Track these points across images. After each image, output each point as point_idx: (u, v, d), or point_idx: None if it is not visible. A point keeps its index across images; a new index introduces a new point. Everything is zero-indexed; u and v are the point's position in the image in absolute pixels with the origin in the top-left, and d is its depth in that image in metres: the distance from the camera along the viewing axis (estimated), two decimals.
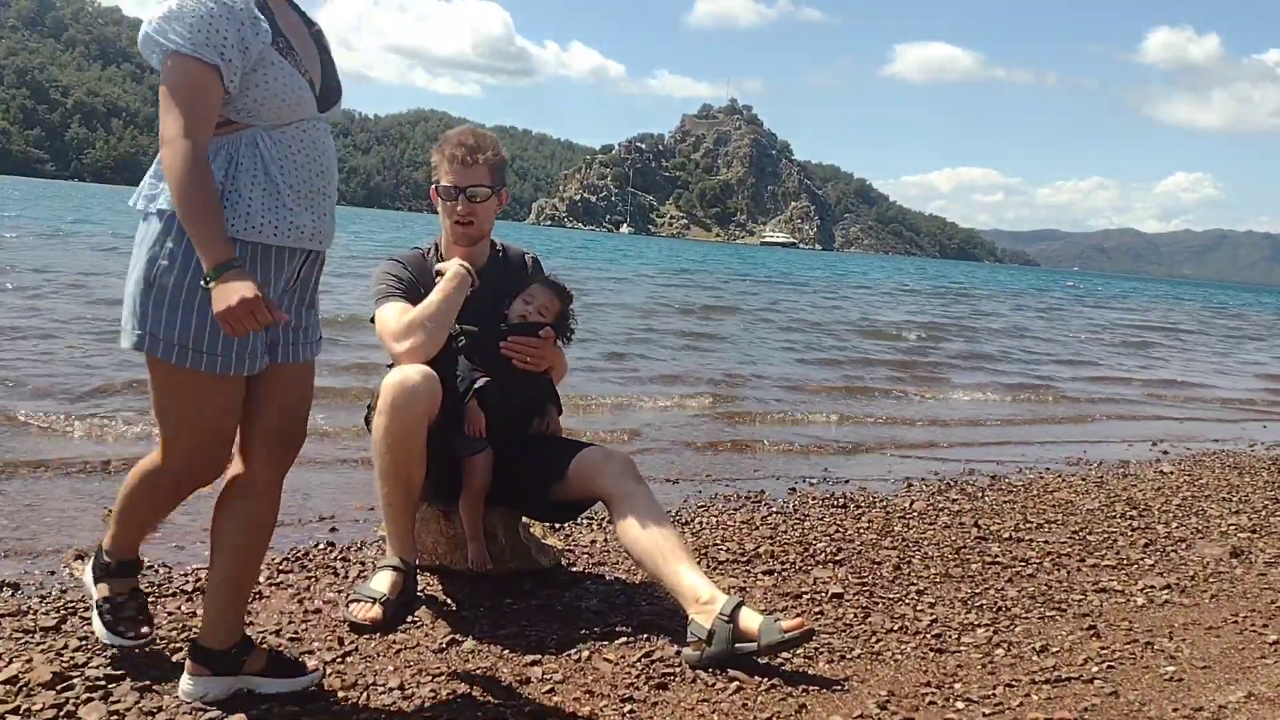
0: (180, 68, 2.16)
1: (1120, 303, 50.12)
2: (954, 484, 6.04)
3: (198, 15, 2.16)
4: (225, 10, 2.19)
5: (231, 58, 2.20)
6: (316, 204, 2.40)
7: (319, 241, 2.42)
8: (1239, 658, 3.34)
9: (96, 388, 7.05)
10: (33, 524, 4.12)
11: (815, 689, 2.84)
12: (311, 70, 2.40)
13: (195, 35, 2.16)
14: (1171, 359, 18.59)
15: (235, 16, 2.21)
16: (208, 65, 2.17)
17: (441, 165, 3.37)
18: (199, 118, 2.17)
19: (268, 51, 2.27)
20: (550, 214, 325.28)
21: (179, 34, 2.16)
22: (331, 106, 2.47)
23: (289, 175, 2.33)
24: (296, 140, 2.35)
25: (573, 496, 3.36)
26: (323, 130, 2.43)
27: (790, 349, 14.29)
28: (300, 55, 2.36)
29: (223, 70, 2.19)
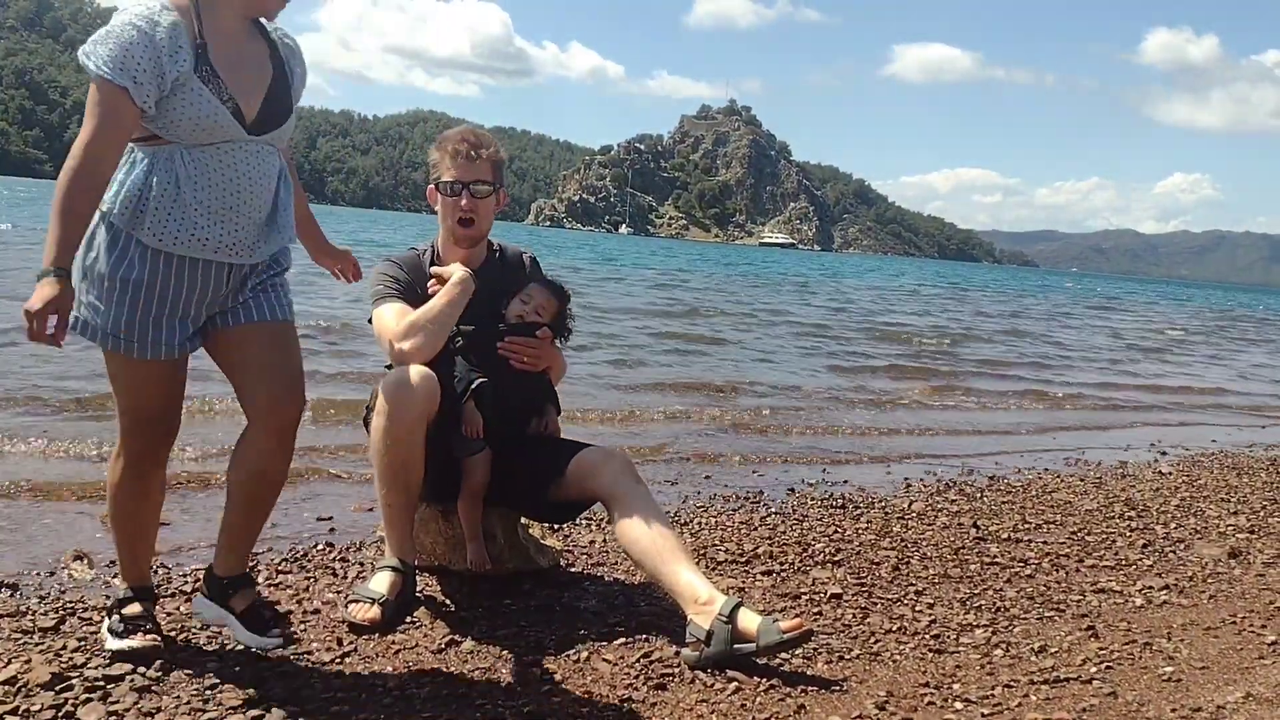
0: (97, 87, 2.40)
1: (1130, 304, 49.98)
2: (953, 485, 6.05)
3: (119, 42, 2.39)
4: (145, 39, 2.40)
5: (143, 81, 2.39)
6: (228, 220, 2.56)
7: (230, 255, 2.59)
8: (1237, 658, 3.34)
9: (92, 388, 7.04)
10: (31, 525, 4.12)
11: (814, 689, 2.85)
12: (244, 96, 2.56)
13: (112, 59, 2.38)
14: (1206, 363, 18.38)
15: (154, 45, 2.41)
16: (117, 87, 2.37)
17: (443, 161, 3.37)
18: (103, 133, 2.39)
19: (188, 78, 2.46)
20: (549, 214, 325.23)
21: (99, 56, 2.40)
22: (271, 129, 2.62)
23: (200, 192, 2.50)
24: (214, 160, 2.52)
25: (571, 497, 3.36)
26: (250, 151, 2.58)
27: (809, 354, 14.09)
28: (227, 82, 2.53)
29: (131, 91, 2.39)
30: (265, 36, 2.70)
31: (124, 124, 2.42)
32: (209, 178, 2.52)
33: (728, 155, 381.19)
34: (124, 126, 2.42)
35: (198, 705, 2.49)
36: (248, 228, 2.61)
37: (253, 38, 2.66)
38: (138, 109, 2.41)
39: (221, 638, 2.94)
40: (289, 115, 2.69)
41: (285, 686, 2.65)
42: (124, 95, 2.39)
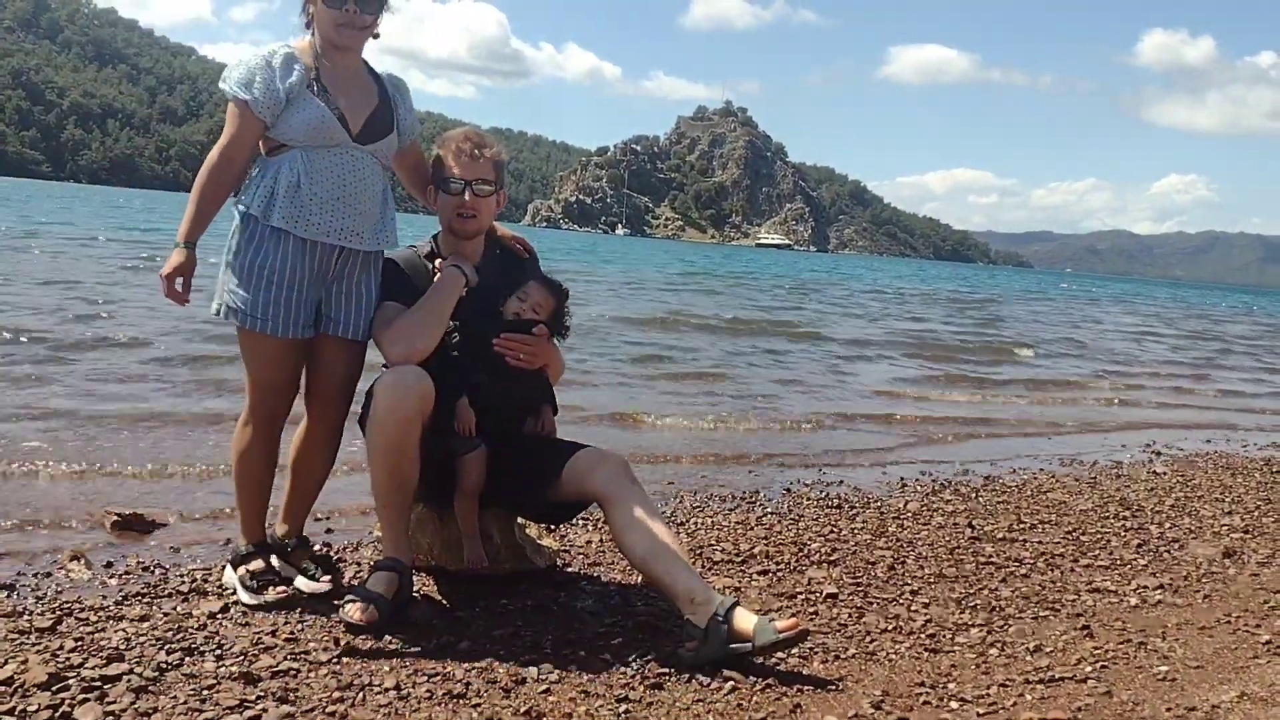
0: (231, 103, 3.09)
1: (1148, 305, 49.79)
2: (948, 485, 6.06)
3: (246, 67, 3.08)
4: (264, 64, 3.08)
5: (260, 96, 3.05)
6: (339, 209, 3.15)
7: (340, 239, 3.17)
8: (1232, 658, 3.36)
9: (90, 391, 7.05)
10: (28, 525, 4.12)
11: (810, 689, 2.85)
12: (351, 111, 3.18)
13: (239, 80, 3.07)
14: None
15: (270, 69, 3.08)
16: (241, 100, 3.06)
17: (446, 160, 3.37)
18: (234, 138, 3.10)
19: (300, 90, 3.10)
20: (546, 215, 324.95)
21: (231, 80, 3.09)
22: (373, 141, 3.23)
23: (316, 185, 3.11)
24: (327, 160, 3.14)
25: (568, 497, 3.37)
26: (357, 156, 3.19)
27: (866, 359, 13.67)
28: (336, 96, 3.16)
29: (251, 104, 3.06)
30: (375, 76, 3.32)
31: (250, 130, 3.10)
32: (323, 174, 3.12)
33: (724, 156, 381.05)
34: (250, 132, 3.10)
35: (195, 705, 2.50)
36: (355, 218, 3.18)
37: (363, 75, 3.28)
38: (258, 120, 3.08)
39: (219, 637, 2.94)
40: (390, 132, 3.28)
41: (282, 686, 2.65)
42: (246, 108, 3.06)
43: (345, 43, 3.18)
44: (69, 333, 9.52)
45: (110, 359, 8.40)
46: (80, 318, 10.74)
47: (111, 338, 9.42)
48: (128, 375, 7.75)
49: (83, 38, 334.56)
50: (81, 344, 8.94)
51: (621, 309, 18.80)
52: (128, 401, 6.75)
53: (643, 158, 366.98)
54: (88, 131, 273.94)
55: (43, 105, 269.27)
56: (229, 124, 3.10)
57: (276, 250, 3.12)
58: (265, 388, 3.28)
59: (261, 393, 3.28)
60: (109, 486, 4.82)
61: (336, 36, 3.15)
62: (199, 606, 3.20)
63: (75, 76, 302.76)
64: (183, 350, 8.97)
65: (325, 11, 3.13)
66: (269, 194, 3.09)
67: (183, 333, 9.86)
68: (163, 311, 10.53)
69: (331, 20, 3.13)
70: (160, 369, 8.10)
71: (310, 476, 3.48)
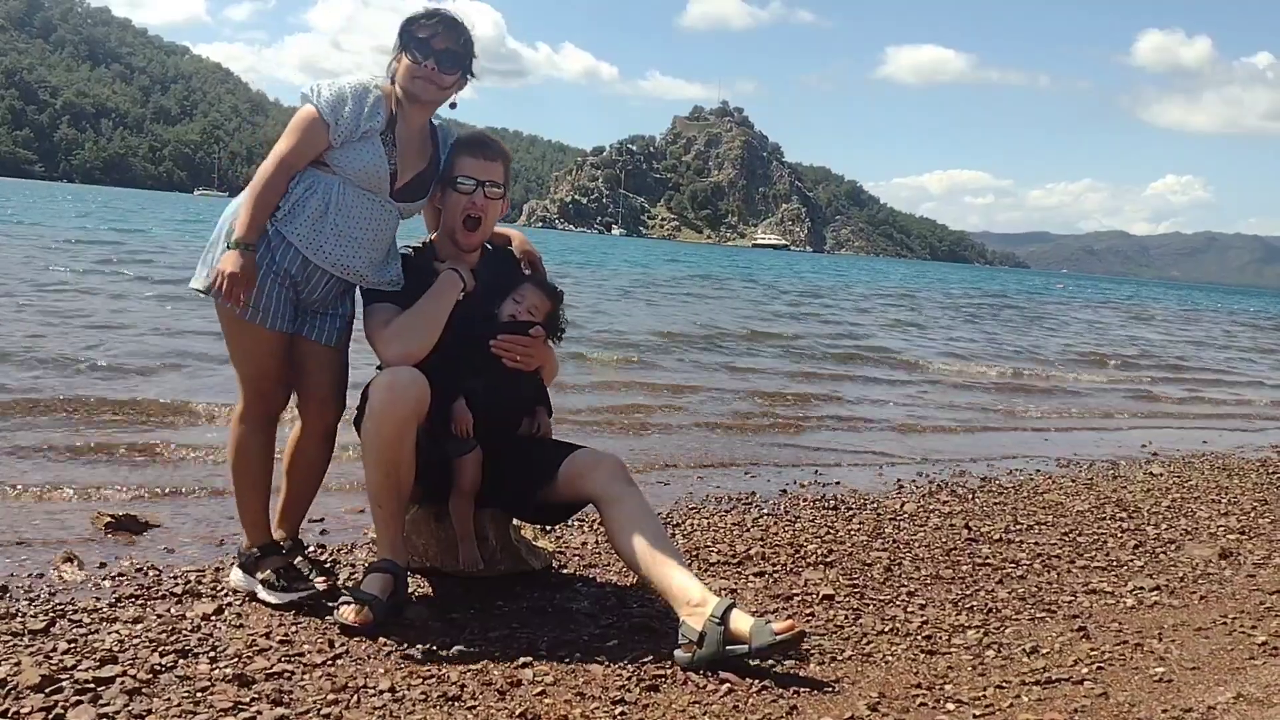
0: (307, 112, 3.13)
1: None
2: (945, 486, 6.06)
3: (339, 90, 3.15)
4: (358, 97, 3.16)
5: (342, 125, 3.12)
6: (352, 248, 3.22)
7: (344, 273, 3.24)
8: (1228, 659, 3.36)
9: (83, 389, 7.03)
10: (21, 526, 4.10)
11: (806, 690, 2.85)
12: (403, 169, 3.28)
13: (330, 101, 3.12)
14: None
15: (361, 103, 3.16)
16: (324, 120, 3.12)
17: (458, 159, 3.36)
18: (299, 149, 3.12)
19: (372, 134, 3.18)
20: (541, 215, 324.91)
21: (323, 95, 3.13)
22: (408, 201, 3.33)
23: (339, 219, 3.17)
24: (360, 201, 3.21)
25: (563, 498, 3.36)
26: (386, 208, 3.27)
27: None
28: (399, 152, 3.26)
29: (331, 128, 3.12)
30: (434, 137, 3.41)
31: (317, 147, 3.14)
32: (350, 212, 3.19)
33: (720, 156, 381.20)
34: (316, 149, 3.14)
35: (188, 708, 2.49)
36: (363, 258, 3.25)
37: (425, 135, 3.37)
38: (329, 142, 3.13)
39: (213, 639, 2.93)
40: (425, 195, 3.40)
41: (276, 688, 2.64)
42: (325, 129, 3.12)
43: (421, 96, 3.23)
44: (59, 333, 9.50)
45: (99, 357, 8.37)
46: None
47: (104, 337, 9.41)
48: (119, 373, 7.73)
49: (76, 37, 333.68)
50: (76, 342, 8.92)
51: (662, 320, 17.07)
52: (119, 399, 6.72)
53: (639, 158, 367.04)
54: (81, 131, 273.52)
55: (36, 105, 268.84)
56: (298, 133, 3.11)
57: (280, 254, 3.16)
58: (259, 379, 3.28)
59: (255, 386, 3.29)
60: (102, 488, 4.79)
61: (413, 88, 3.21)
62: (193, 608, 3.19)
63: (68, 76, 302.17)
64: (171, 346, 8.95)
65: (407, 64, 3.20)
66: (293, 206, 3.13)
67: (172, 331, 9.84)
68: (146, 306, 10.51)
69: (410, 73, 3.20)
70: (152, 364, 8.08)
71: (305, 480, 3.49)
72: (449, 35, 3.21)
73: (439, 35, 3.19)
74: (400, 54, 3.23)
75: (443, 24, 3.20)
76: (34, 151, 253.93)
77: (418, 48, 3.18)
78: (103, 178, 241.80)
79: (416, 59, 3.18)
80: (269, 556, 3.34)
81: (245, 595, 3.32)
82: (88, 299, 12.56)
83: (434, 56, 3.18)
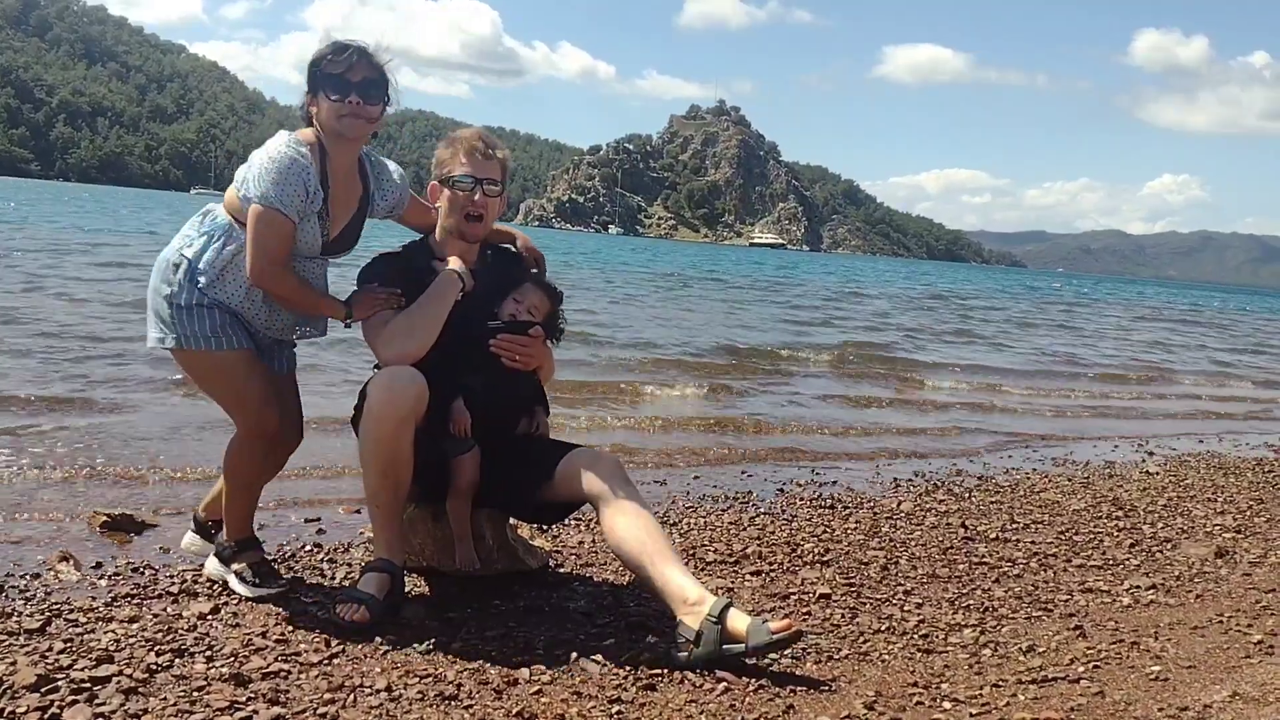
0: (263, 214, 3.05)
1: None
2: (941, 485, 6.06)
3: (280, 179, 3.03)
4: (299, 177, 3.07)
5: (296, 208, 3.08)
6: (277, 311, 3.27)
7: (271, 331, 3.31)
8: (1224, 657, 3.36)
9: (80, 393, 7.02)
10: (17, 526, 4.10)
11: (803, 689, 2.85)
12: (336, 225, 3.25)
13: (279, 197, 3.03)
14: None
15: (305, 187, 3.08)
16: (284, 215, 3.06)
17: (456, 158, 3.35)
18: (277, 248, 3.09)
19: (312, 215, 3.15)
20: (539, 215, 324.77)
21: (269, 194, 3.02)
22: (338, 253, 3.36)
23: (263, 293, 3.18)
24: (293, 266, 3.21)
25: (560, 498, 3.36)
26: (315, 264, 3.31)
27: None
28: (333, 216, 3.23)
29: (289, 216, 3.07)
30: (362, 172, 3.35)
31: (289, 237, 3.11)
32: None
33: (717, 155, 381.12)
34: (289, 238, 3.11)
35: (184, 707, 2.48)
36: (290, 317, 3.32)
37: (355, 174, 3.32)
38: (293, 222, 3.09)
39: (209, 638, 2.93)
40: (356, 242, 3.38)
41: (273, 688, 2.63)
42: (286, 219, 3.07)
43: (349, 134, 3.15)
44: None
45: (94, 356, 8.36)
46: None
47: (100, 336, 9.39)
48: (116, 374, 7.72)
49: (72, 35, 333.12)
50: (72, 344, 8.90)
51: (687, 334, 15.07)
52: (116, 399, 6.71)
53: (635, 157, 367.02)
54: (77, 130, 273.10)
55: (32, 103, 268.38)
56: (270, 232, 3.06)
57: (213, 306, 3.18)
58: (252, 401, 3.26)
59: (251, 408, 3.27)
60: (99, 488, 4.79)
61: (340, 127, 3.13)
62: (189, 607, 3.18)
63: (64, 74, 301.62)
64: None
65: (329, 104, 3.11)
66: (222, 271, 3.16)
67: None
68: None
69: (334, 113, 3.11)
70: (148, 367, 8.07)
71: (259, 485, 3.52)
72: (365, 65, 3.12)
73: (354, 67, 3.10)
74: (315, 96, 3.14)
75: (356, 54, 3.11)
76: (30, 150, 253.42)
77: (335, 86, 3.09)
78: (99, 176, 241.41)
79: (338, 97, 3.09)
80: (246, 551, 3.39)
81: (241, 596, 3.32)
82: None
83: (354, 90, 3.10)
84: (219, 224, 3.20)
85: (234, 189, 3.17)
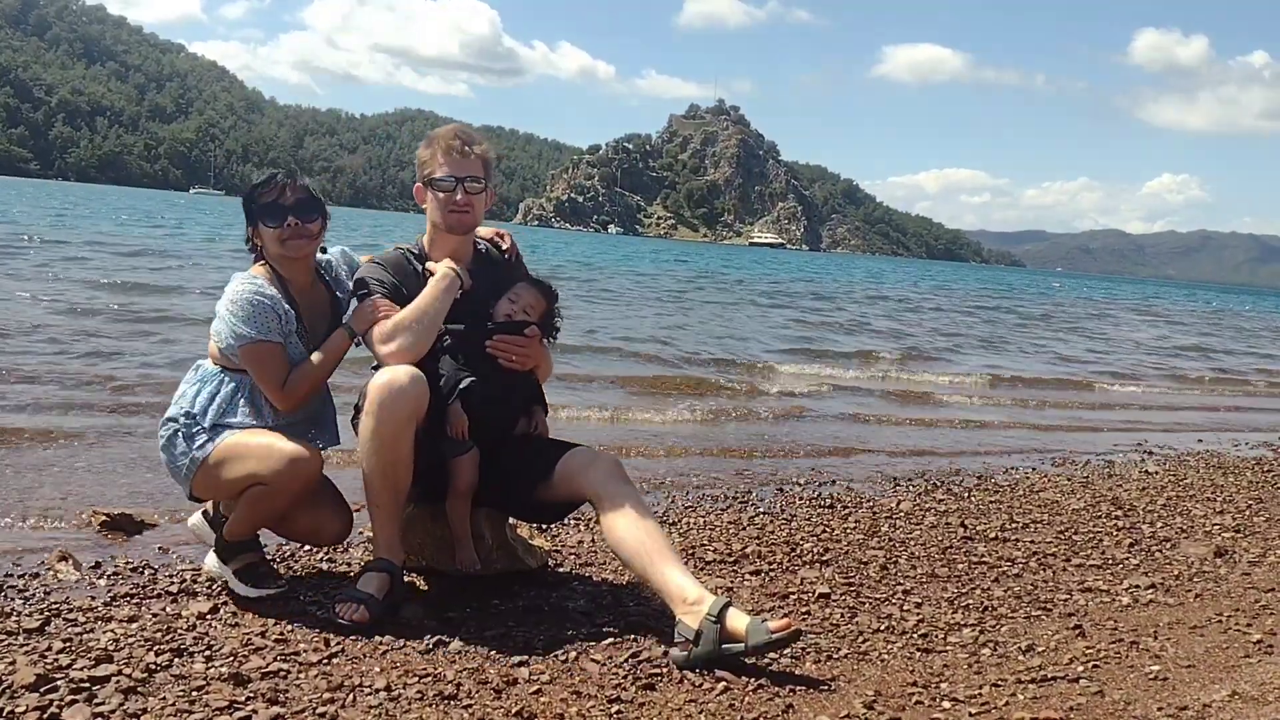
0: (253, 350, 3.18)
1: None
2: (940, 484, 6.06)
3: (251, 312, 3.16)
4: (268, 309, 3.18)
5: (277, 332, 3.20)
6: (292, 425, 3.29)
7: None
8: (1223, 657, 3.36)
9: (77, 392, 7.02)
10: (16, 526, 4.10)
11: (802, 689, 2.85)
12: (315, 336, 3.34)
13: (255, 327, 3.15)
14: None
15: (275, 313, 3.19)
16: (269, 342, 3.18)
17: (435, 158, 3.35)
18: (278, 377, 3.22)
19: (291, 336, 3.25)
20: (538, 214, 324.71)
21: (242, 331, 3.15)
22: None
23: (266, 404, 3.26)
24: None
25: (560, 497, 3.36)
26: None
27: None
28: (310, 330, 3.33)
29: (273, 339, 3.19)
30: (323, 279, 3.45)
31: (282, 357, 3.22)
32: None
33: (716, 155, 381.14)
34: (283, 358, 3.22)
35: (184, 707, 2.48)
36: (299, 415, 3.35)
37: (315, 283, 3.41)
38: (280, 343, 3.20)
39: (209, 638, 2.93)
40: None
41: (272, 687, 2.63)
42: (272, 344, 3.19)
43: (295, 255, 3.28)
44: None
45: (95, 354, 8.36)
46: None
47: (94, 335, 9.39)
48: (116, 374, 7.72)
49: (71, 34, 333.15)
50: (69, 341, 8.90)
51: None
52: (114, 398, 6.71)
53: (635, 156, 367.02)
54: (76, 129, 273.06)
55: (31, 103, 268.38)
56: (268, 361, 3.19)
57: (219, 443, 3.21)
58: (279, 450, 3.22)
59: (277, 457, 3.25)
60: (97, 488, 4.78)
61: (286, 251, 3.26)
62: (188, 607, 3.18)
63: (63, 74, 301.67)
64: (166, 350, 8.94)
65: (269, 233, 3.26)
66: (225, 407, 3.22)
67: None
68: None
69: (276, 238, 3.25)
70: (148, 368, 8.07)
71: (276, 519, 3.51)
72: (293, 187, 3.26)
73: (284, 192, 3.24)
74: (256, 227, 3.29)
75: (281, 178, 3.27)
76: (29, 149, 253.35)
77: (271, 214, 3.24)
78: (98, 176, 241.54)
79: (275, 224, 3.24)
80: (245, 552, 3.37)
81: (241, 596, 3.32)
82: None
83: (290, 213, 3.23)
84: (209, 372, 3.31)
85: (213, 342, 3.30)
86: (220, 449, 3.18)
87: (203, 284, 15.06)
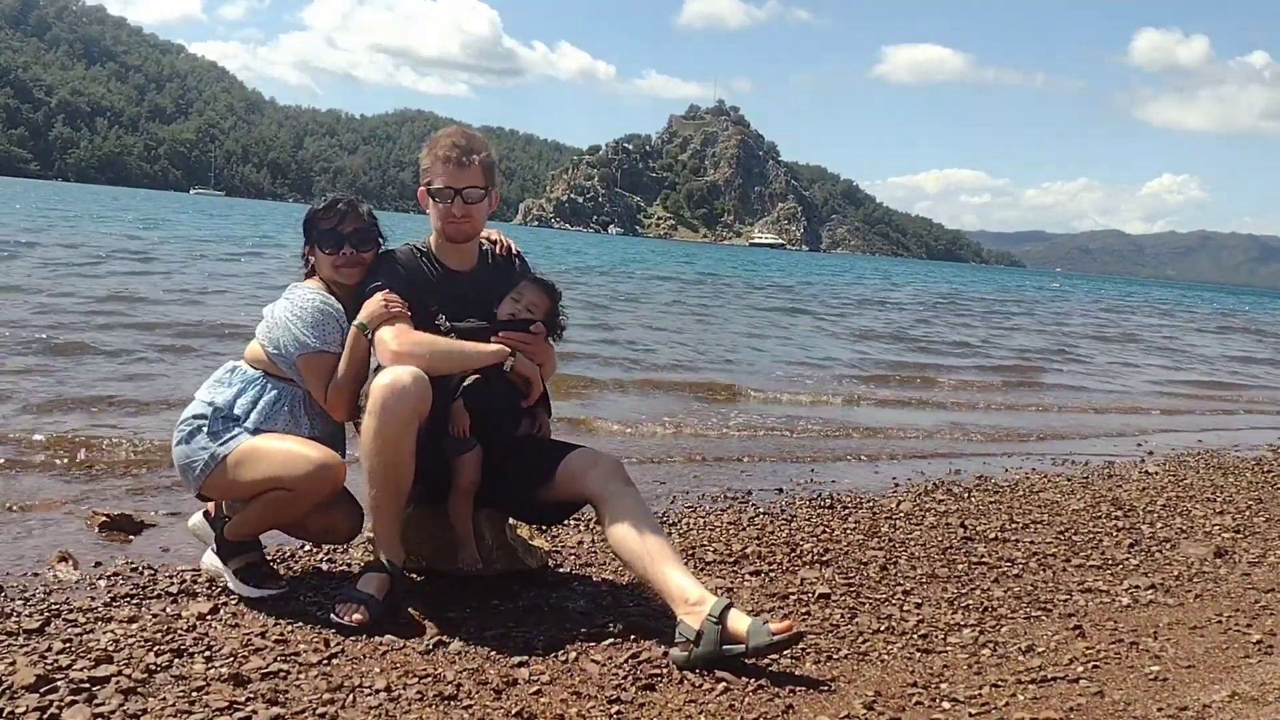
0: (312, 358, 3.27)
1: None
2: (940, 485, 6.06)
3: (319, 323, 3.27)
4: (333, 320, 3.30)
5: (338, 344, 3.29)
6: (317, 425, 3.35)
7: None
8: (1223, 657, 3.36)
9: (76, 393, 7.02)
10: (15, 526, 4.09)
11: (802, 689, 2.85)
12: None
13: (318, 338, 3.27)
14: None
15: (339, 324, 3.30)
16: (329, 354, 3.28)
17: (434, 166, 3.34)
18: (327, 384, 3.29)
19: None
20: (538, 215, 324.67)
21: (309, 340, 3.25)
22: None
23: (304, 415, 3.33)
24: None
25: (561, 498, 3.36)
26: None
27: None
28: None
29: (331, 353, 3.27)
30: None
31: (334, 368, 3.28)
32: (315, 408, 3.34)
33: (716, 155, 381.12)
34: (334, 369, 3.28)
35: (183, 707, 2.48)
36: (327, 428, 3.40)
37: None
38: (337, 355, 3.28)
39: (209, 638, 2.93)
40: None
41: (272, 688, 2.63)
42: (331, 356, 3.27)
43: (349, 282, 3.37)
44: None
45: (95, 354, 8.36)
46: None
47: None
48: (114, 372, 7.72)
49: (71, 35, 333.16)
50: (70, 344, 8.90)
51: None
52: (116, 399, 6.72)
53: (635, 157, 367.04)
54: (76, 130, 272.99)
55: (31, 103, 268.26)
56: (324, 372, 3.28)
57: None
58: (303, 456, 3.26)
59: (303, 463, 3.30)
60: (96, 488, 4.79)
61: (340, 277, 3.37)
62: (188, 608, 3.18)
63: (63, 74, 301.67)
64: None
65: (324, 257, 3.38)
66: (265, 415, 3.27)
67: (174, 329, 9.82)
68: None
69: (330, 265, 3.36)
70: (146, 366, 8.07)
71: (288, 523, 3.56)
72: (353, 216, 3.36)
73: (344, 220, 3.35)
74: (311, 249, 3.42)
75: (343, 205, 3.37)
76: (29, 150, 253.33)
77: (328, 241, 3.35)
78: (98, 176, 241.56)
79: (331, 251, 3.35)
80: (245, 553, 3.39)
81: (241, 596, 3.32)
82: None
83: (346, 241, 3.35)
84: (250, 375, 3.34)
85: (258, 344, 3.35)
86: (241, 449, 3.20)
87: (200, 286, 15.05)
